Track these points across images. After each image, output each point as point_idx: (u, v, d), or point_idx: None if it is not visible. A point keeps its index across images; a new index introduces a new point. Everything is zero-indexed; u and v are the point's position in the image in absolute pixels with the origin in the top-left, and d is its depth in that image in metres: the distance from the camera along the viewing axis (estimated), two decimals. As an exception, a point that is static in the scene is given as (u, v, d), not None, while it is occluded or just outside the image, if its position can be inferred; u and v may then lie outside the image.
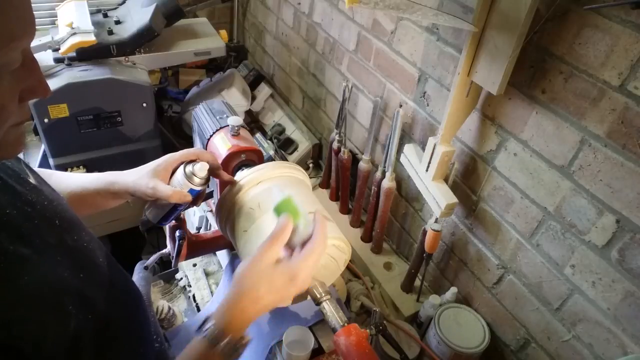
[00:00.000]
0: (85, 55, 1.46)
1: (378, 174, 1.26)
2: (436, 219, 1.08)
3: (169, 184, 0.81)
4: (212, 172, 0.84)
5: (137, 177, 0.80)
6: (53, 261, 0.55)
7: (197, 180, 0.80)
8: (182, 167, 0.81)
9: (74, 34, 1.41)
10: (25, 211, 0.56)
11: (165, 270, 1.31)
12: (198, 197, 0.84)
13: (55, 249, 0.57)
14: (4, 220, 0.52)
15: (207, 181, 0.83)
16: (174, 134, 1.83)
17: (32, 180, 0.63)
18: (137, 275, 1.12)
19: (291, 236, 0.68)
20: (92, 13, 1.57)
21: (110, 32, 1.53)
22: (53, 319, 0.51)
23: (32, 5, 0.46)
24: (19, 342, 0.46)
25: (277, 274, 0.66)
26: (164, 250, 1.14)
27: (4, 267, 0.48)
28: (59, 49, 1.40)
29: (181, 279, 1.30)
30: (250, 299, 0.65)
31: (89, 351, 0.56)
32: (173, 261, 1.07)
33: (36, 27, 0.48)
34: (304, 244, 0.69)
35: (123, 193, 0.81)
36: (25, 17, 0.45)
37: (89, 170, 1.54)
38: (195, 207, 0.87)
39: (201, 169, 0.80)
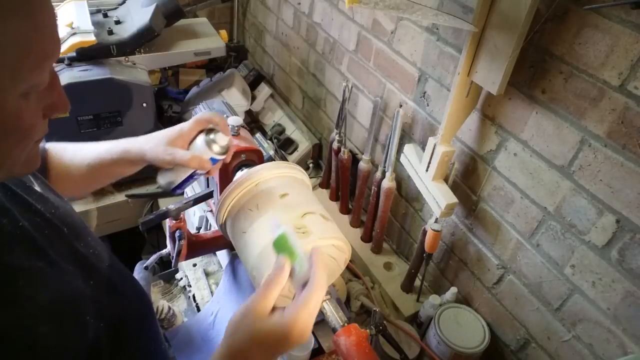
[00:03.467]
0: (85, 55, 1.45)
1: (378, 174, 1.25)
2: (436, 219, 1.08)
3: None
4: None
5: (154, 145, 0.78)
6: (66, 272, 0.55)
7: (217, 148, 0.80)
8: (202, 135, 0.80)
9: (74, 34, 1.41)
10: (36, 222, 0.55)
11: (165, 270, 1.31)
12: (214, 167, 0.83)
13: (67, 259, 0.56)
14: (18, 234, 0.51)
15: (227, 150, 0.82)
16: (174, 134, 1.83)
17: (37, 187, 0.62)
18: (137, 276, 1.12)
19: (288, 280, 0.61)
20: (92, 13, 1.57)
21: (110, 32, 1.53)
22: (73, 331, 0.51)
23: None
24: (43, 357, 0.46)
25: (271, 328, 0.58)
26: (163, 251, 1.14)
27: (22, 285, 0.47)
28: (59, 49, 1.40)
29: (181, 279, 1.30)
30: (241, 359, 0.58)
31: (106, 356, 0.56)
32: (173, 261, 1.07)
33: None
34: (303, 285, 0.61)
35: (139, 160, 0.80)
36: (54, 35, 0.45)
37: (89, 170, 1.54)
38: (209, 176, 0.85)
39: (222, 138, 0.80)
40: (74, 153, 0.79)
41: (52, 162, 0.80)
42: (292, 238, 0.64)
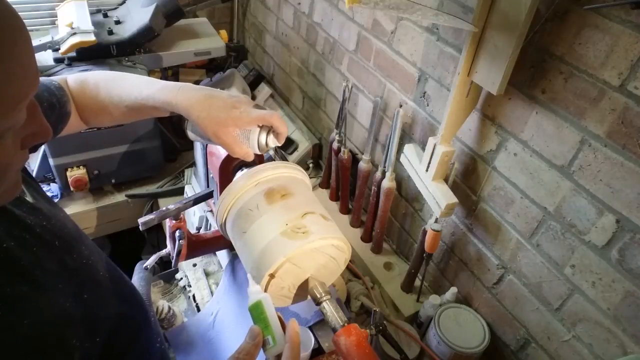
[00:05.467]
0: (85, 55, 1.46)
1: (378, 174, 1.25)
2: (436, 219, 1.08)
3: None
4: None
5: (204, 119, 0.74)
6: (54, 291, 0.53)
7: (264, 148, 0.81)
8: (259, 132, 0.79)
9: (74, 34, 1.41)
10: (24, 239, 0.53)
11: (165, 270, 1.31)
12: None
13: (56, 276, 0.55)
14: (2, 257, 0.49)
15: (267, 150, 0.84)
16: (174, 134, 1.83)
17: (28, 197, 0.60)
18: (137, 276, 1.12)
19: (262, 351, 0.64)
20: (92, 13, 1.57)
21: (110, 32, 1.53)
22: (56, 357, 0.50)
23: (32, 5, 0.44)
24: None
25: None
26: (163, 251, 1.14)
27: (2, 315, 0.46)
28: (59, 49, 1.40)
29: (181, 279, 1.30)
30: None
31: None
32: (173, 261, 1.07)
33: (36, 27, 0.46)
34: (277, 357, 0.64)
35: (180, 113, 0.78)
36: (31, 72, 0.41)
37: (89, 169, 1.54)
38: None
39: (274, 142, 0.81)
40: (110, 91, 0.77)
41: (90, 100, 0.78)
42: (270, 307, 0.66)
